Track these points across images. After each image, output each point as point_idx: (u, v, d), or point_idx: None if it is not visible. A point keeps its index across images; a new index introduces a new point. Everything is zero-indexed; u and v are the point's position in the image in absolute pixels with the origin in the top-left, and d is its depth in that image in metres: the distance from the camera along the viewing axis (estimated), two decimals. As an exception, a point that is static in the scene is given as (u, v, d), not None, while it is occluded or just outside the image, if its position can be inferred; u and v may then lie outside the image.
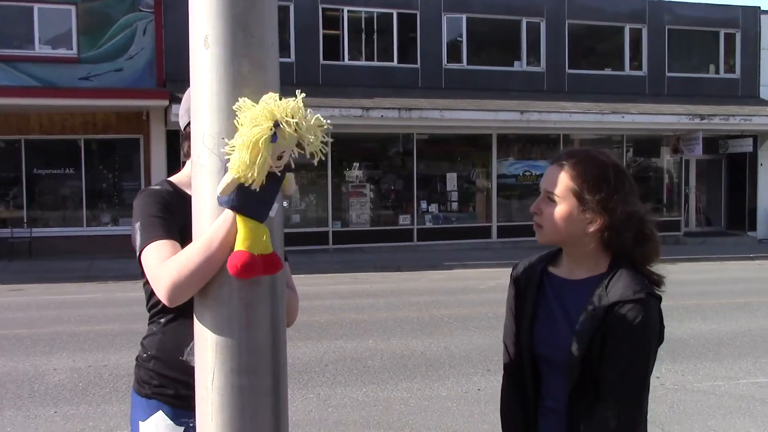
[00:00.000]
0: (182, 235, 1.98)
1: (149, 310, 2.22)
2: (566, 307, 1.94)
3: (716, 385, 6.43)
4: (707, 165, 22.17)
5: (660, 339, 1.89)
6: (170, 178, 2.26)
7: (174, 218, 2.03)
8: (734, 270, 15.61)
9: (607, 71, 20.94)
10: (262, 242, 1.56)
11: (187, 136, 2.26)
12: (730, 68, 21.86)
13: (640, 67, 21.17)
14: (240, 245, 1.54)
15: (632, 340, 1.81)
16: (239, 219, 1.56)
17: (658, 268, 1.97)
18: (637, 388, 1.83)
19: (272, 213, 1.60)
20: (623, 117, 19.00)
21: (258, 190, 1.53)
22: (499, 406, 2.16)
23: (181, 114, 2.28)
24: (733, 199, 22.09)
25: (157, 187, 2.18)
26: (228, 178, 1.51)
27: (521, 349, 2.03)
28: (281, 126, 1.48)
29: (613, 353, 1.82)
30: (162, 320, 2.16)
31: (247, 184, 1.51)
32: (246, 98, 1.50)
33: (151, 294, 2.18)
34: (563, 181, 1.91)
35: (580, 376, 1.86)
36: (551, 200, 1.93)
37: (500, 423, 2.12)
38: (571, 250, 1.97)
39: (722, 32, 21.60)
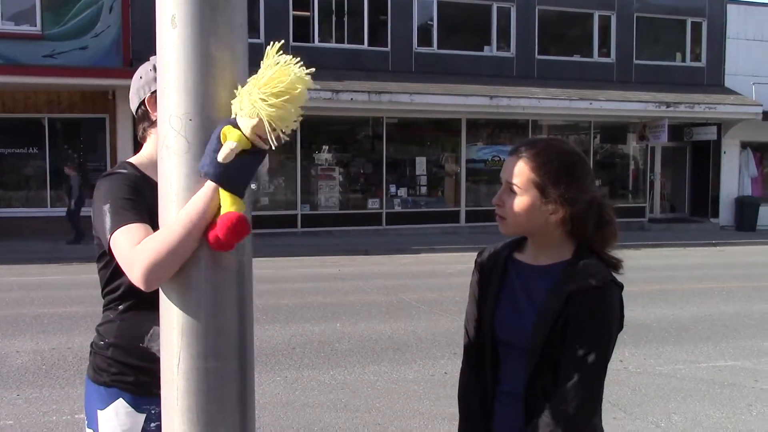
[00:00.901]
0: (150, 219, 1.95)
1: (105, 296, 2.17)
2: (530, 293, 1.96)
3: (677, 368, 6.56)
4: (672, 152, 22.47)
5: (620, 326, 1.91)
6: (130, 160, 2.20)
7: (144, 202, 1.98)
8: (697, 256, 15.89)
9: (576, 58, 21.06)
10: (242, 204, 1.56)
11: (140, 118, 2.23)
12: (696, 57, 22.12)
13: (608, 54, 21.33)
14: (229, 208, 1.53)
15: (592, 327, 1.83)
16: (221, 190, 1.54)
17: (622, 253, 1.99)
18: (594, 374, 1.85)
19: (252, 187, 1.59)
20: (591, 104, 19.16)
21: (247, 161, 1.51)
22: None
23: (131, 97, 2.24)
24: (697, 186, 22.43)
25: (123, 171, 2.13)
26: (229, 145, 1.49)
27: (482, 334, 2.04)
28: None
29: (572, 339, 1.84)
30: (120, 307, 2.12)
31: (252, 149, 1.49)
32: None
33: (107, 280, 2.13)
34: (524, 173, 1.91)
35: (540, 360, 1.88)
36: (512, 191, 1.93)
37: (458, 408, 2.13)
38: (536, 238, 1.99)
39: (689, 21, 21.83)
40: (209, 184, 1.53)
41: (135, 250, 1.74)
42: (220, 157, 1.49)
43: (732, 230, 21.20)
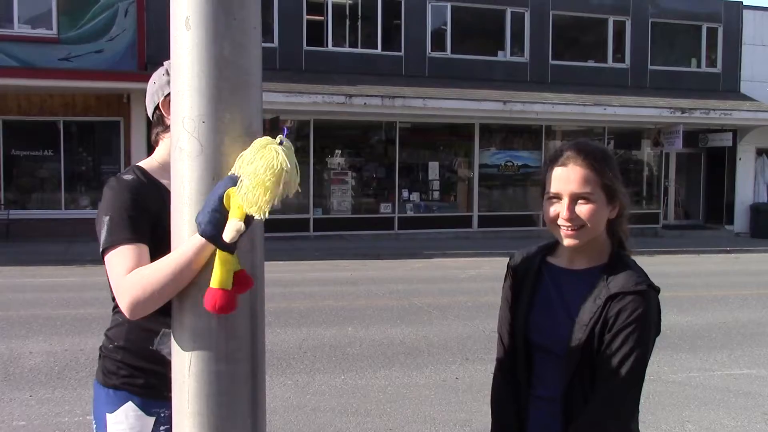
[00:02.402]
0: (154, 227, 1.95)
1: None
2: (565, 297, 1.95)
3: (691, 376, 6.50)
4: (687, 158, 22.34)
5: (657, 330, 1.91)
6: (140, 164, 2.20)
7: (146, 214, 1.99)
8: (711, 263, 15.77)
9: (591, 63, 21.00)
10: (231, 273, 1.53)
11: (156, 123, 2.23)
12: (712, 62, 22.00)
13: (623, 60, 21.25)
14: (215, 283, 1.51)
15: (631, 332, 1.83)
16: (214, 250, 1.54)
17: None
18: (633, 379, 1.84)
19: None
20: (605, 109, 19.08)
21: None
22: (480, 397, 2.17)
23: (147, 103, 2.24)
24: (712, 193, 22.28)
25: (129, 177, 2.11)
26: (237, 227, 1.48)
27: (516, 338, 2.03)
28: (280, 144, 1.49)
29: (611, 344, 1.84)
30: None
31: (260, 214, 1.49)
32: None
33: None
34: (592, 179, 1.90)
35: (577, 365, 1.87)
36: (586, 200, 1.89)
37: (490, 412, 2.12)
38: (590, 242, 1.97)
39: (705, 26, 21.72)
40: (200, 237, 1.54)
41: (125, 280, 1.81)
42: (227, 238, 1.48)
43: (747, 237, 21.04)
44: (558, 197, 1.92)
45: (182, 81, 1.54)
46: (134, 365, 2.09)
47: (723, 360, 7.09)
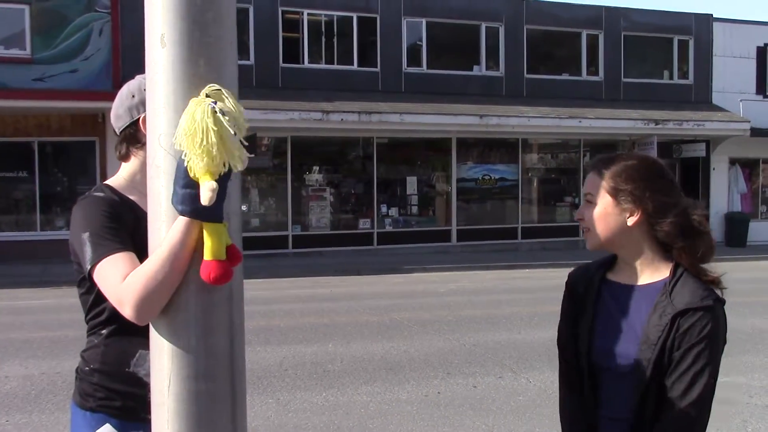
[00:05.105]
0: (131, 242, 1.92)
1: (88, 322, 2.13)
2: (629, 315, 1.91)
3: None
4: (662, 169, 22.54)
5: (725, 343, 1.89)
6: (108, 182, 2.17)
7: (123, 227, 1.96)
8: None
9: (565, 76, 21.20)
10: (223, 243, 1.53)
11: (125, 138, 2.18)
12: (684, 74, 22.31)
13: (596, 73, 21.48)
14: (208, 255, 1.50)
15: (702, 349, 1.80)
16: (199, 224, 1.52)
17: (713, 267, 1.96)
18: (705, 397, 1.82)
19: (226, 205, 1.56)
20: (580, 122, 19.27)
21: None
22: (463, 411, 2.15)
23: (118, 114, 2.18)
24: (687, 203, 22.47)
25: (101, 194, 2.08)
26: (210, 186, 1.46)
27: (580, 358, 1.99)
28: (217, 102, 1.45)
29: (681, 362, 1.81)
30: (104, 332, 2.09)
31: (222, 174, 1.47)
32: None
33: (90, 305, 2.10)
34: (596, 181, 1.94)
35: (647, 384, 1.84)
36: (591, 203, 1.95)
37: (561, 425, 2.09)
38: (623, 252, 1.96)
39: (676, 39, 22.04)
40: (183, 218, 1.52)
41: (122, 286, 1.72)
42: (205, 201, 1.46)
43: (722, 246, 21.25)
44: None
45: (158, 98, 1.53)
46: (111, 387, 2.06)
47: (702, 368, 7.13)
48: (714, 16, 22.39)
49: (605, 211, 1.91)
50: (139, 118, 2.12)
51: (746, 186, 22.60)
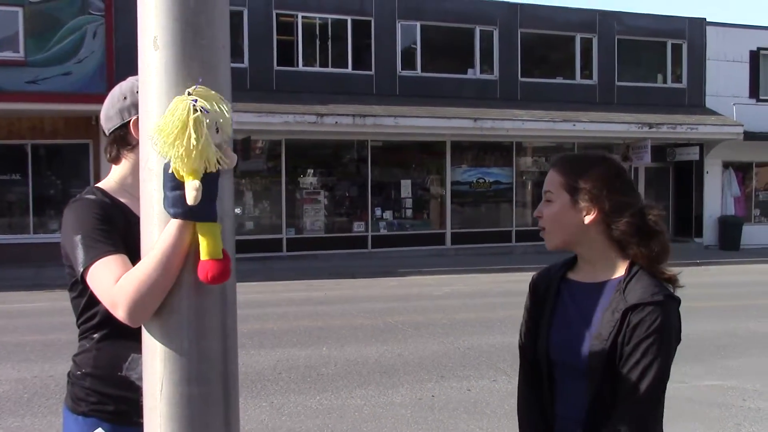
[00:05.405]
0: (124, 246, 1.91)
1: (80, 326, 2.12)
2: (583, 312, 1.94)
3: (665, 388, 6.53)
4: (655, 173, 22.63)
5: (678, 339, 1.90)
6: (99, 185, 2.16)
7: (115, 229, 1.95)
8: (682, 276, 15.87)
9: (559, 80, 21.24)
10: (219, 242, 1.52)
11: (115, 139, 2.17)
12: (677, 78, 22.37)
13: (590, 76, 21.53)
14: (204, 255, 1.50)
15: (651, 343, 1.82)
16: (195, 225, 1.52)
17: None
18: (655, 390, 1.83)
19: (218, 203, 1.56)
20: (574, 125, 19.31)
21: (203, 186, 1.48)
22: (457, 414, 2.15)
23: (109, 116, 2.16)
24: (681, 207, 22.57)
25: (92, 196, 2.07)
26: (193, 185, 1.46)
27: (538, 357, 2.02)
28: (198, 101, 1.45)
29: (631, 356, 1.82)
30: (96, 335, 2.07)
31: (208, 173, 1.46)
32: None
33: (82, 309, 2.08)
34: (555, 179, 1.96)
35: (600, 381, 1.85)
36: (549, 201, 1.97)
37: (518, 424, 2.11)
38: (581, 250, 1.99)
39: (669, 43, 22.10)
40: (176, 220, 1.51)
41: (115, 288, 1.72)
42: (190, 201, 1.46)
43: (716, 250, 21.32)
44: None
45: (151, 101, 1.53)
46: (103, 392, 2.05)
47: (696, 371, 7.15)
48: (707, 20, 22.45)
49: (563, 210, 1.94)
50: (130, 121, 2.11)
51: (739, 189, 22.67)
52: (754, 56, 22.54)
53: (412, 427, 5.44)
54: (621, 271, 1.93)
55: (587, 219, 1.92)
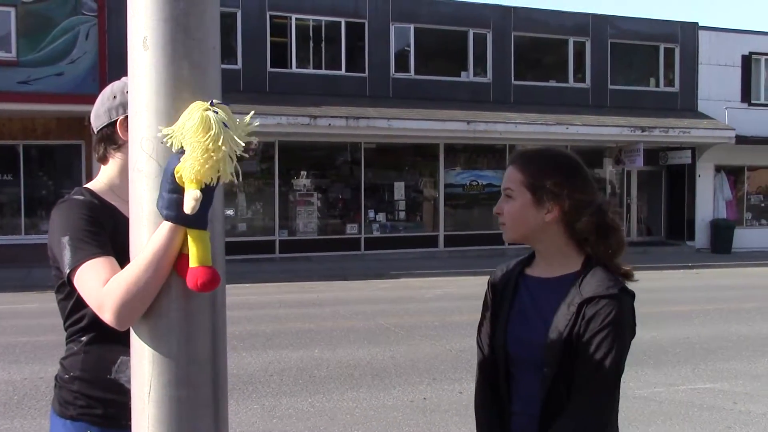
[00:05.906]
0: (113, 248, 1.90)
1: (67, 329, 2.10)
2: (540, 306, 1.95)
3: (656, 391, 6.55)
4: (648, 176, 22.70)
5: (632, 334, 1.91)
6: (88, 185, 2.14)
7: (104, 231, 1.93)
8: (674, 279, 15.99)
9: (552, 83, 21.29)
10: (209, 249, 1.51)
11: (102, 139, 2.15)
12: (670, 82, 22.45)
13: (583, 80, 21.58)
14: (194, 262, 1.49)
15: (605, 336, 1.82)
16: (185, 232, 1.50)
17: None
18: (609, 383, 1.84)
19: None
20: (567, 128, 19.35)
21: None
22: (448, 417, 2.15)
23: (98, 114, 2.15)
24: (673, 210, 22.65)
25: (80, 197, 2.06)
26: (194, 195, 1.44)
27: (496, 353, 2.03)
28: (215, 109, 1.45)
29: (585, 350, 1.83)
30: (83, 338, 2.05)
31: (208, 184, 1.46)
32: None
33: (69, 311, 2.06)
34: (516, 176, 1.96)
35: (555, 377, 1.85)
36: (509, 197, 1.97)
37: (476, 425, 2.11)
38: (539, 246, 2.00)
39: (662, 47, 22.18)
40: (168, 223, 1.50)
41: (102, 291, 1.70)
42: (188, 210, 1.45)
43: (708, 253, 21.39)
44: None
45: (140, 101, 1.52)
46: (91, 395, 2.03)
47: (687, 375, 7.17)
48: (700, 24, 22.56)
49: (524, 207, 1.95)
50: (117, 120, 2.10)
51: (731, 193, 22.75)
52: (746, 60, 22.64)
53: (404, 429, 5.43)
54: (577, 266, 1.95)
55: (548, 217, 1.93)
